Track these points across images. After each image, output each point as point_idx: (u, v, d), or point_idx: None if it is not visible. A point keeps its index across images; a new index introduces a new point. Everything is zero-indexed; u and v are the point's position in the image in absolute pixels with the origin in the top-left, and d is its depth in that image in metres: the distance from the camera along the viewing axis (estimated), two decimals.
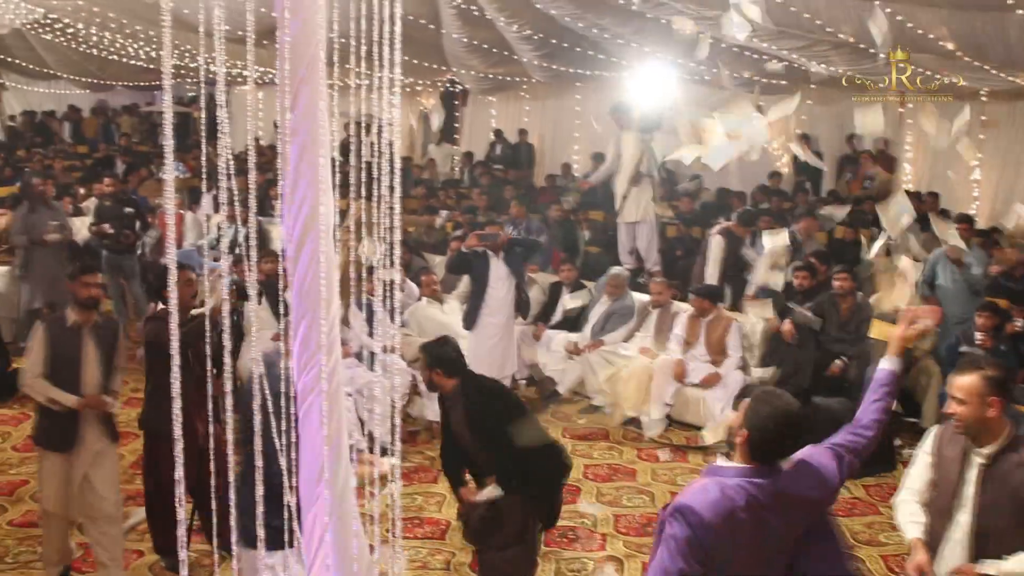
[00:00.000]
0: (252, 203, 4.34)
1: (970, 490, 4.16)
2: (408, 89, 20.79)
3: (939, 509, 4.27)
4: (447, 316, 9.71)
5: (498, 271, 8.80)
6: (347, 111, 3.58)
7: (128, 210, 11.63)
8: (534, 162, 19.30)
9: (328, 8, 3.16)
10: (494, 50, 16.10)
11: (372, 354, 8.75)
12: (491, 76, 18.22)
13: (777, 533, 3.52)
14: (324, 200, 3.18)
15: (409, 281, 9.80)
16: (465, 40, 15.65)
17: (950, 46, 10.69)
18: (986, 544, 4.09)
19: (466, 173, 18.87)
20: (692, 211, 14.27)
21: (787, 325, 9.01)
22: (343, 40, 3.47)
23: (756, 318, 9.64)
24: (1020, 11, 8.26)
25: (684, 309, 9.68)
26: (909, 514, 4.41)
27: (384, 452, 3.65)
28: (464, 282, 10.32)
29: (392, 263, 3.61)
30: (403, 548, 6.51)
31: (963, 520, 4.16)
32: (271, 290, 7.19)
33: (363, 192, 3.44)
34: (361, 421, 7.63)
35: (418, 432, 8.96)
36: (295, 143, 3.12)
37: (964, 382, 4.12)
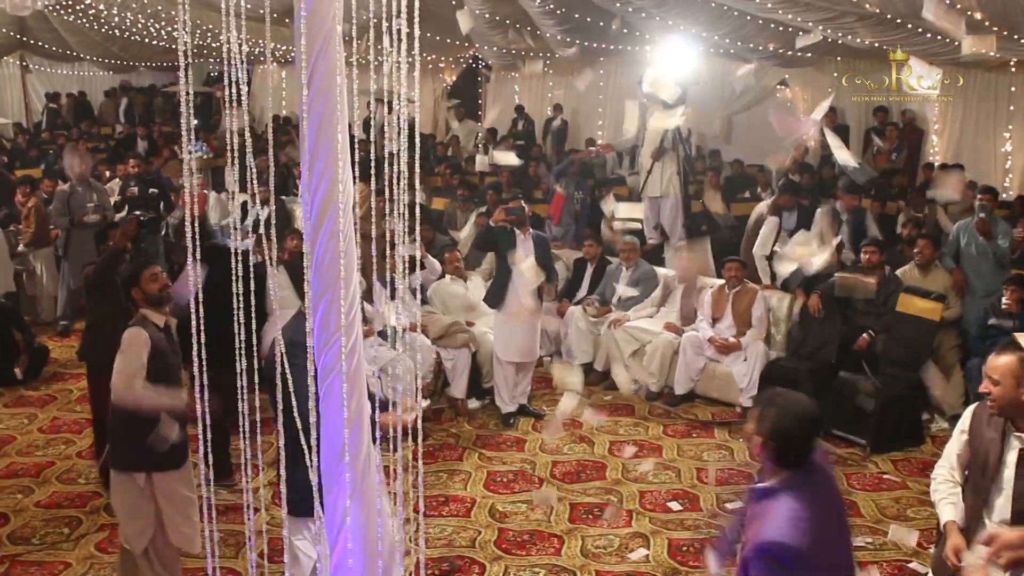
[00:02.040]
0: (271, 181, 4.33)
1: (1009, 473, 4.08)
2: (430, 66, 20.73)
3: (975, 491, 4.21)
4: (471, 293, 9.67)
5: (525, 248, 8.72)
6: (368, 88, 3.53)
7: (152, 191, 11.66)
8: (567, 138, 19.15)
9: None
10: (516, 25, 16.02)
11: (395, 332, 8.75)
12: (513, 52, 18.11)
13: (840, 515, 3.60)
14: (343, 177, 3.16)
15: (431, 258, 9.75)
16: (487, 15, 15.56)
17: (978, 16, 10.53)
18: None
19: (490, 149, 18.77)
20: (717, 186, 14.14)
21: (814, 299, 8.92)
22: (363, 18, 3.43)
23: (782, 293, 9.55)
24: None
25: (709, 284, 9.59)
26: (947, 494, 4.34)
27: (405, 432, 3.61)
28: (488, 259, 10.27)
29: (412, 240, 3.58)
30: (428, 526, 6.53)
31: (1000, 504, 4.09)
32: (295, 269, 7.19)
33: (383, 171, 3.40)
34: (385, 401, 7.60)
35: (443, 410, 8.94)
36: (312, 120, 3.10)
37: (1000, 362, 4.07)
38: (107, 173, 14.96)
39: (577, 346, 10.00)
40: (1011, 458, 4.10)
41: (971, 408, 4.43)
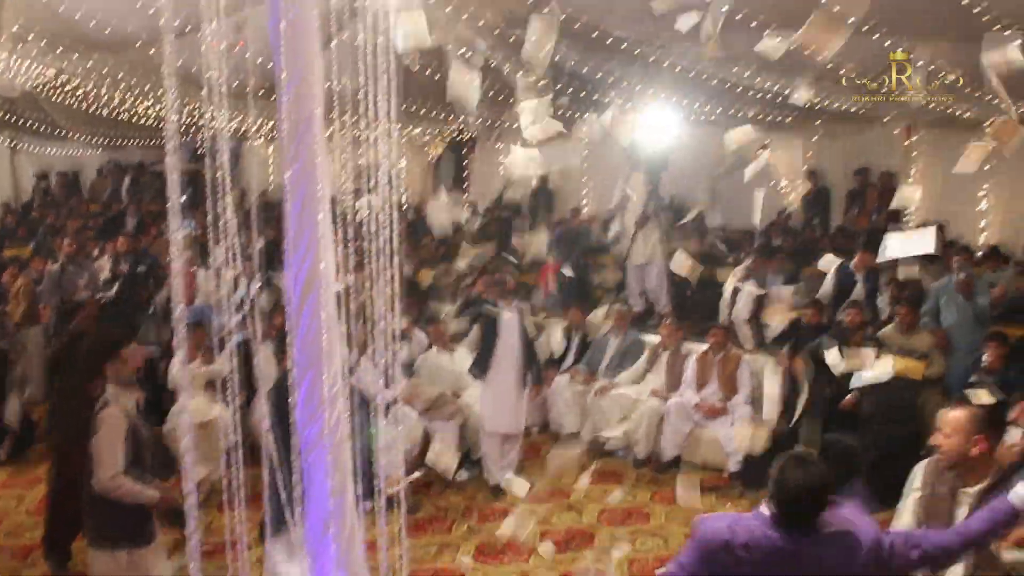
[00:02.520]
0: (255, 257, 4.39)
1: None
2: (415, 139, 20.93)
3: None
4: (456, 365, 9.72)
5: (509, 319, 8.78)
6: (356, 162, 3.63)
7: (141, 268, 11.73)
8: (553, 208, 19.31)
9: (326, 66, 3.22)
10: (499, 97, 16.21)
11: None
12: (498, 123, 18.30)
13: None
14: (325, 256, 3.24)
15: (417, 330, 9.82)
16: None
17: (951, 77, 10.76)
18: None
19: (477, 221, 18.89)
20: (701, 250, 14.26)
21: (798, 362, 9.00)
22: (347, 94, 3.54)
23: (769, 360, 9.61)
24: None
25: (695, 350, 9.66)
26: None
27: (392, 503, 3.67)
28: (474, 331, 10.36)
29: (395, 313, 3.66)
30: None
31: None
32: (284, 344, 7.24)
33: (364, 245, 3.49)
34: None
35: (432, 482, 8.95)
36: (295, 199, 3.19)
37: (951, 416, 4.22)
38: (96, 251, 15.03)
39: (564, 416, 10.04)
40: (961, 514, 4.16)
41: (922, 464, 4.51)
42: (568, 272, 12.74)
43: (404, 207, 18.74)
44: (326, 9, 4.24)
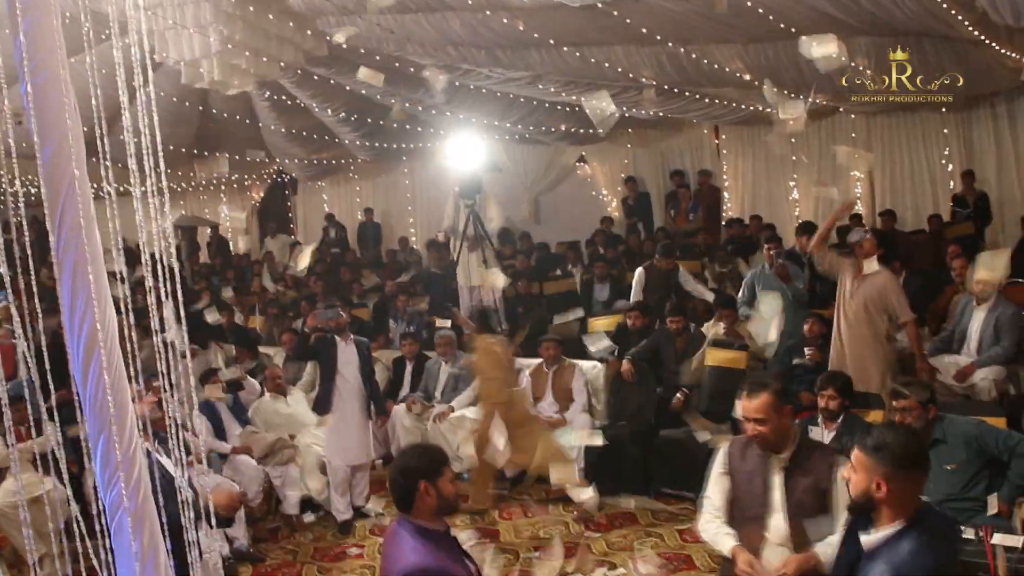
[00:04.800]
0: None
1: (777, 494, 4.33)
2: (235, 185, 20.71)
3: (750, 519, 4.43)
4: (293, 408, 9.61)
5: (346, 354, 8.72)
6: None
7: None
8: (381, 239, 19.31)
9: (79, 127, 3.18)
10: (314, 136, 16.18)
11: (221, 456, 8.62)
12: (316, 161, 18.26)
13: None
14: (104, 314, 3.19)
15: (249, 378, 9.70)
16: (283, 130, 15.68)
17: (747, 76, 11.18)
18: (802, 539, 4.28)
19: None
20: (528, 267, 14.46)
21: (626, 365, 9.20)
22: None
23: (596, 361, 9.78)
24: (803, 37, 8.67)
25: (526, 365, 9.76)
26: (719, 528, 4.55)
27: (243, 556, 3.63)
28: (307, 372, 10.27)
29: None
30: None
31: (776, 523, 4.33)
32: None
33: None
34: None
35: (278, 528, 8.82)
36: (66, 262, 3.13)
37: (758, 403, 4.34)
38: None
39: (406, 444, 10.01)
40: (777, 480, 4.37)
41: (723, 449, 4.70)
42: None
43: (232, 252, 18.50)
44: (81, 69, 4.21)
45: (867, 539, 3.50)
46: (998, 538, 5.02)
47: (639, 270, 11.29)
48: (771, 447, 4.39)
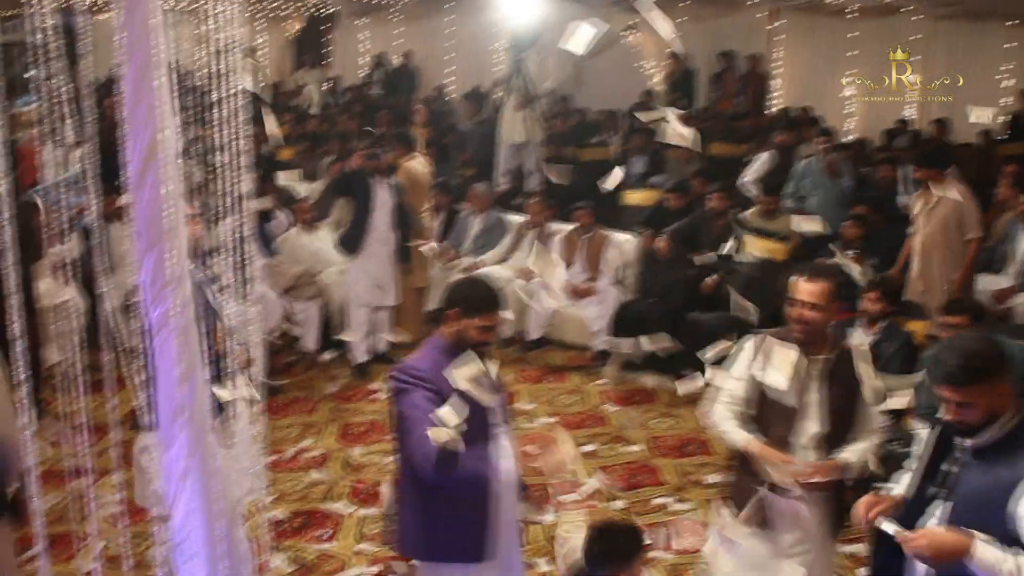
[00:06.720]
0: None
1: (813, 397, 4.17)
2: (272, 14, 20.23)
3: (777, 421, 4.23)
4: (320, 244, 9.50)
5: (382, 194, 8.56)
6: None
7: None
8: (416, 87, 18.90)
9: None
10: None
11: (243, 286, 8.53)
12: None
13: None
14: (166, 125, 3.02)
15: (278, 211, 9.57)
16: None
17: None
18: (834, 444, 4.16)
19: (338, 98, 18.42)
20: (565, 131, 14.18)
21: (661, 242, 9.03)
22: None
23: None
24: None
25: (560, 230, 9.60)
26: (735, 425, 4.32)
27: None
28: (337, 209, 10.11)
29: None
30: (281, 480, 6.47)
31: (808, 427, 4.17)
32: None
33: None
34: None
35: (295, 362, 8.80)
36: (132, 64, 2.95)
37: (817, 288, 4.11)
38: None
39: (431, 294, 9.92)
40: (813, 382, 4.20)
41: (749, 345, 4.38)
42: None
43: (262, 84, 18.17)
44: None
45: (979, 440, 3.24)
46: None
47: (766, 154, 10.89)
48: (811, 342, 4.19)
